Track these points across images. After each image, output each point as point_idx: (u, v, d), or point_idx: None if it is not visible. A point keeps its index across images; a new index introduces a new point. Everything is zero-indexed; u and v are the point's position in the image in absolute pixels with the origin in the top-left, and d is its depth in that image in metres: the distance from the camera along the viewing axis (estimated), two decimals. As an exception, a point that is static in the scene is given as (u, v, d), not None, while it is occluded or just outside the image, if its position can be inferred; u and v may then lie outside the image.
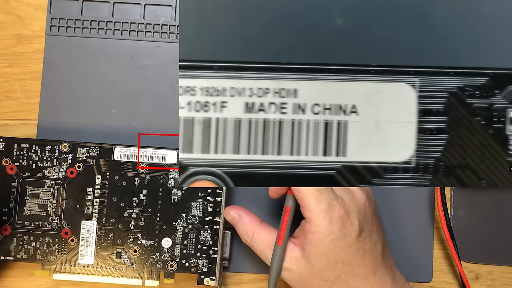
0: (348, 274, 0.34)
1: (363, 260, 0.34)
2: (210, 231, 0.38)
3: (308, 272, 0.34)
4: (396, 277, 0.35)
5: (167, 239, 0.38)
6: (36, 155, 0.38)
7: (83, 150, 0.38)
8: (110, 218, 0.38)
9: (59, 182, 0.38)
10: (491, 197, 0.42)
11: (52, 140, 0.38)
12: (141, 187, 0.38)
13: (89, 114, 0.41)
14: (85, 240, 0.38)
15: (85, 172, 0.38)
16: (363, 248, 0.34)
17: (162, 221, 0.38)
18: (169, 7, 0.42)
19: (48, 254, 0.38)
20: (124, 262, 0.38)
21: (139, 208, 0.38)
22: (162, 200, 0.38)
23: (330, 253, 0.33)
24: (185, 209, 0.38)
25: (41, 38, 0.42)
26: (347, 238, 0.33)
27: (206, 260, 0.38)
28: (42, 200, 0.38)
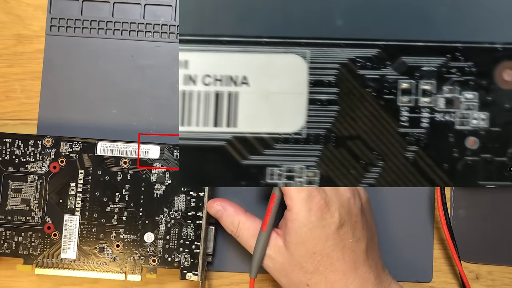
0: (327, 267, 0.34)
1: (343, 255, 0.34)
2: (193, 226, 0.38)
3: (288, 262, 0.34)
4: (381, 277, 0.35)
5: (150, 234, 0.38)
6: (19, 149, 0.38)
7: (66, 145, 0.38)
8: (93, 213, 0.38)
9: (42, 177, 0.38)
10: (491, 197, 0.42)
11: (35, 134, 0.38)
12: (124, 182, 0.38)
13: (89, 114, 0.41)
14: (68, 234, 0.38)
15: (68, 167, 0.38)
16: (343, 243, 0.34)
17: (144, 216, 0.38)
18: (169, 7, 0.42)
19: (31, 248, 0.38)
20: (106, 256, 0.38)
21: (122, 203, 0.38)
22: (144, 195, 0.38)
23: (308, 243, 0.33)
24: (168, 204, 0.38)
25: (41, 38, 0.42)
26: (326, 229, 0.33)
27: (189, 255, 0.38)
28: (25, 195, 0.38)
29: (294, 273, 0.34)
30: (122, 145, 0.38)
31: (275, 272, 0.35)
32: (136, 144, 0.38)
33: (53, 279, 0.40)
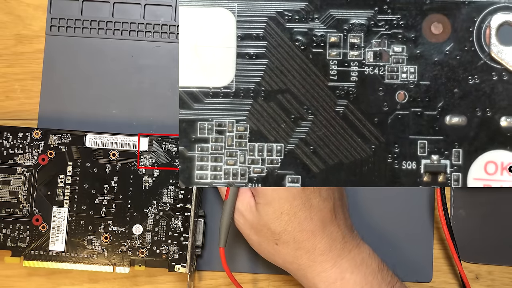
0: (295, 227, 0.34)
1: (310, 214, 0.34)
2: (181, 218, 0.38)
3: (257, 221, 0.35)
4: (349, 236, 0.35)
5: (138, 226, 0.38)
6: (8, 142, 0.38)
7: (55, 137, 0.38)
8: (81, 205, 0.38)
9: (30, 169, 0.38)
10: (491, 197, 0.41)
11: (23, 127, 0.38)
12: (112, 174, 0.38)
13: (89, 114, 0.41)
14: (56, 227, 0.38)
15: (57, 159, 0.38)
16: (310, 202, 0.34)
17: (133, 208, 0.38)
18: (169, 7, 0.42)
19: (19, 241, 0.38)
20: (95, 249, 0.38)
21: (110, 195, 0.38)
22: (133, 187, 0.38)
23: (275, 203, 0.34)
24: (156, 196, 0.38)
25: (41, 38, 0.42)
26: (292, 189, 0.33)
27: (177, 247, 0.38)
28: (13, 187, 0.38)
29: (262, 232, 0.35)
30: (110, 137, 0.38)
31: (246, 229, 0.36)
32: (124, 136, 0.38)
33: (53, 279, 0.41)
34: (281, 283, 0.41)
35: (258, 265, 0.41)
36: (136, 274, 0.40)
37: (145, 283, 0.40)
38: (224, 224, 0.36)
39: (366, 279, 0.34)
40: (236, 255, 0.41)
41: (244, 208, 0.35)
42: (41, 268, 0.40)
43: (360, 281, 0.34)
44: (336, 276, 0.34)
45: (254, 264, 0.41)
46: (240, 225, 0.36)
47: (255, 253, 0.37)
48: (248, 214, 0.35)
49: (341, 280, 0.34)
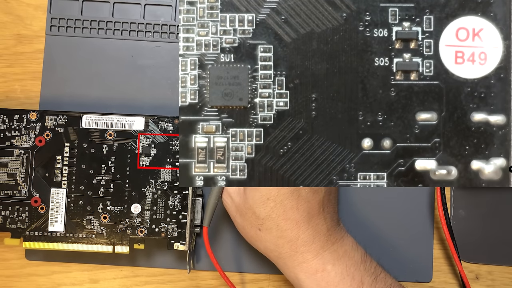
0: (279, 215, 0.34)
1: (297, 204, 0.34)
2: (179, 196, 0.38)
3: (243, 204, 0.35)
4: (333, 230, 0.35)
5: (137, 205, 0.38)
6: (4, 124, 0.38)
7: (51, 118, 0.38)
8: (79, 186, 0.38)
9: (27, 151, 0.38)
10: (491, 197, 0.42)
11: (19, 109, 0.39)
12: (110, 154, 0.38)
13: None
14: (55, 208, 0.38)
15: (54, 141, 0.38)
16: (298, 192, 0.34)
17: (131, 188, 0.38)
18: (169, 7, 0.42)
19: (18, 222, 0.38)
20: (94, 229, 0.38)
21: (108, 175, 0.38)
22: (130, 166, 0.38)
23: (263, 188, 0.34)
24: (154, 175, 0.38)
25: (41, 38, 0.42)
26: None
27: (176, 225, 0.38)
28: (11, 169, 0.38)
29: (247, 215, 0.35)
30: (106, 117, 0.38)
31: (232, 211, 0.36)
32: (121, 116, 0.38)
33: (53, 279, 0.41)
34: (281, 283, 0.41)
35: (258, 265, 0.41)
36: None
37: (145, 283, 0.41)
38: (210, 204, 0.36)
39: (348, 270, 0.34)
40: (238, 252, 0.41)
41: (233, 190, 0.35)
42: (42, 268, 0.41)
43: (341, 272, 0.34)
44: (317, 267, 0.34)
45: (254, 264, 0.41)
46: (227, 205, 0.36)
47: (255, 251, 0.37)
48: (236, 196, 0.35)
49: (322, 272, 0.34)
